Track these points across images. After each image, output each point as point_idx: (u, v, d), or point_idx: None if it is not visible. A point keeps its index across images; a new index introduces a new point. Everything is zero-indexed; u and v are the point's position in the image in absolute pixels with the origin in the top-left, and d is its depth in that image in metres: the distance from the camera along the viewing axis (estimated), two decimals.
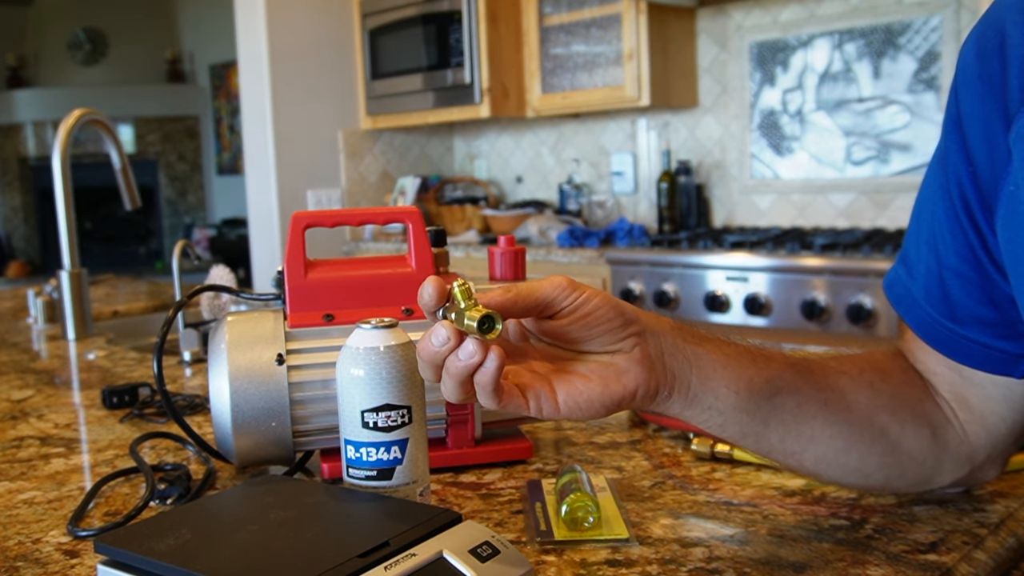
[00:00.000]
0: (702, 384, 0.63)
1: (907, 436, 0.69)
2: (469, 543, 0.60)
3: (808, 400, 0.66)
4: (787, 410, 0.66)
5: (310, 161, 3.90)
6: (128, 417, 1.15)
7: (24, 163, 8.57)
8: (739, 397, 0.64)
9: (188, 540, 0.60)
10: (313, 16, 3.87)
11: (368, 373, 0.70)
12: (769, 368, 0.66)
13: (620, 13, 3.24)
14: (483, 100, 3.53)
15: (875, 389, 0.70)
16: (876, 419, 0.68)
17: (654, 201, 3.54)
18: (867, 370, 0.71)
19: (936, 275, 0.69)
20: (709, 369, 0.64)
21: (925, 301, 0.70)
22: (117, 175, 1.91)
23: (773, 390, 0.65)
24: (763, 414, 0.65)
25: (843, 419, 0.67)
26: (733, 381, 0.64)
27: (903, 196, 2.97)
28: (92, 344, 1.74)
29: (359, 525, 0.64)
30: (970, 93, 0.64)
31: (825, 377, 0.68)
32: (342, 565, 0.56)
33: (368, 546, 0.58)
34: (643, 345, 0.62)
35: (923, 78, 2.89)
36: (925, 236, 0.70)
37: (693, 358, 0.63)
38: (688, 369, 0.63)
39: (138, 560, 0.59)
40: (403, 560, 0.57)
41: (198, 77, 8.56)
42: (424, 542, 0.60)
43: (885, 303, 2.39)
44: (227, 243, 7.49)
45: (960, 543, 0.67)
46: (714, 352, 0.64)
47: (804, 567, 0.64)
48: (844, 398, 0.68)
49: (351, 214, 0.88)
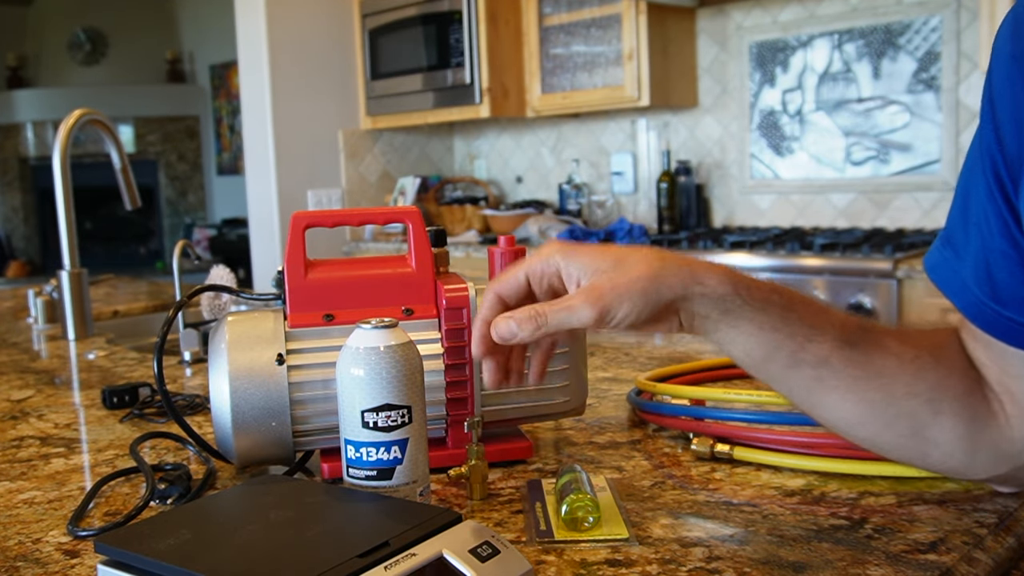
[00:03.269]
0: (730, 328, 0.68)
1: (938, 425, 0.69)
2: (469, 543, 0.60)
3: (832, 375, 0.68)
4: (805, 376, 0.69)
5: (310, 161, 3.90)
6: (128, 417, 1.15)
7: (24, 163, 8.57)
8: (761, 349, 0.68)
9: (188, 540, 0.60)
10: (313, 16, 3.87)
11: (368, 373, 0.70)
12: (810, 337, 0.68)
13: (620, 13, 3.24)
14: (483, 100, 3.53)
15: (919, 376, 0.69)
16: (905, 403, 0.68)
17: (654, 201, 3.54)
18: (923, 353, 0.70)
19: (982, 256, 0.67)
20: (744, 328, 0.68)
21: (974, 283, 0.68)
22: (117, 175, 1.91)
23: (793, 362, 0.68)
24: (777, 374, 0.70)
25: (865, 398, 0.68)
26: (758, 342, 0.68)
27: (903, 196, 2.97)
28: (92, 344, 1.74)
29: (359, 525, 0.64)
30: (1002, 72, 0.64)
31: (868, 354, 0.69)
32: (342, 565, 0.55)
33: (368, 546, 0.58)
34: (685, 312, 0.68)
35: (923, 78, 2.89)
36: (973, 217, 0.68)
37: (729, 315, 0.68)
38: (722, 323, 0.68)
39: (138, 560, 0.59)
40: (403, 560, 0.57)
41: (198, 77, 8.55)
42: (424, 542, 0.60)
43: (885, 303, 2.39)
44: (227, 243, 7.48)
45: (960, 543, 0.67)
46: (755, 317, 0.68)
47: (804, 567, 0.64)
48: (875, 379, 0.69)
49: (351, 214, 0.88)
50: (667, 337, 1.56)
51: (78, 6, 8.42)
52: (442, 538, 0.61)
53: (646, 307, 0.66)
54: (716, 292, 0.67)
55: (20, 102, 8.31)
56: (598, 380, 1.22)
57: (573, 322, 0.65)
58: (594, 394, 1.14)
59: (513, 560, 0.61)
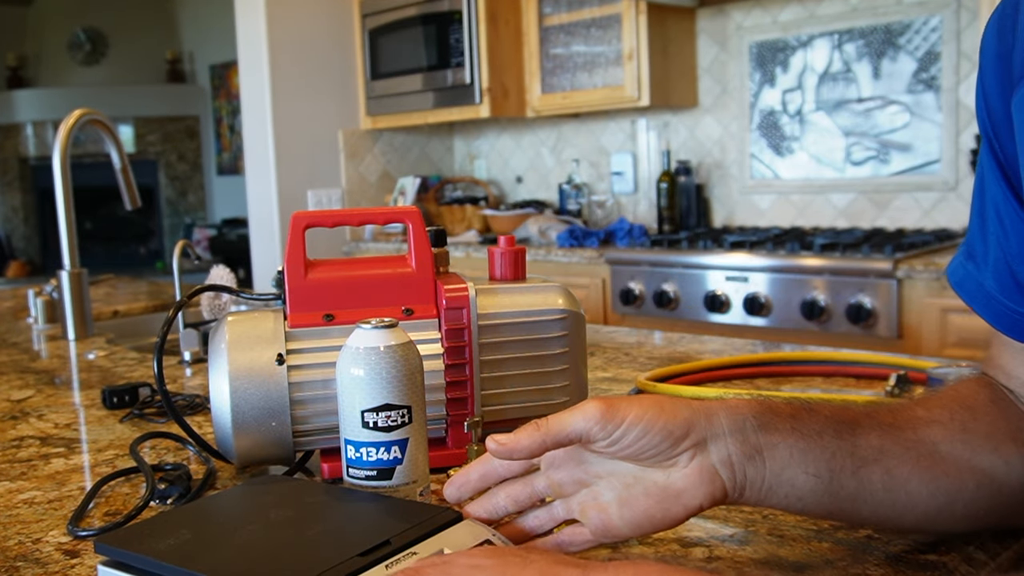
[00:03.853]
0: (777, 476, 0.60)
1: (1016, 469, 0.65)
2: (469, 541, 0.60)
3: (899, 463, 0.62)
4: (875, 480, 0.62)
5: (310, 161, 3.90)
6: (128, 417, 1.15)
7: (24, 163, 8.57)
8: (819, 480, 0.60)
9: (188, 540, 0.60)
10: (313, 16, 3.87)
11: (368, 373, 0.70)
12: (853, 438, 0.62)
13: (620, 13, 3.24)
14: (483, 100, 3.53)
15: (969, 431, 0.65)
16: (977, 462, 0.64)
17: (654, 201, 3.54)
18: (958, 412, 0.66)
19: (1004, 265, 0.65)
20: (786, 456, 0.60)
21: (999, 293, 0.65)
22: (117, 175, 1.91)
23: (858, 462, 0.61)
24: (849, 491, 0.61)
25: (940, 473, 0.63)
26: (812, 464, 0.60)
27: (903, 196, 2.97)
28: (92, 344, 1.74)
29: (359, 524, 0.64)
30: (990, 71, 0.64)
31: (915, 431, 0.64)
32: (343, 564, 0.55)
33: (368, 545, 0.58)
34: (703, 455, 0.58)
35: (923, 78, 2.89)
36: (990, 226, 0.66)
37: (767, 449, 0.60)
38: (762, 464, 0.59)
39: (138, 560, 0.59)
40: (404, 559, 0.57)
41: (198, 77, 8.55)
42: (425, 541, 0.60)
43: (885, 303, 2.39)
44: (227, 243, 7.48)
45: (960, 543, 0.67)
46: (790, 436, 0.60)
47: (804, 567, 0.64)
48: (937, 450, 0.64)
49: (351, 214, 0.88)
50: (667, 337, 1.56)
51: (78, 6, 8.42)
52: (442, 537, 0.61)
53: (661, 437, 0.58)
54: (738, 410, 0.61)
55: (20, 102, 8.31)
56: (598, 380, 1.22)
57: (577, 422, 0.59)
58: (594, 394, 1.13)
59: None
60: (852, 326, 2.45)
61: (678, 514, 0.59)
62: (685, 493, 0.59)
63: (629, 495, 0.60)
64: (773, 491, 0.60)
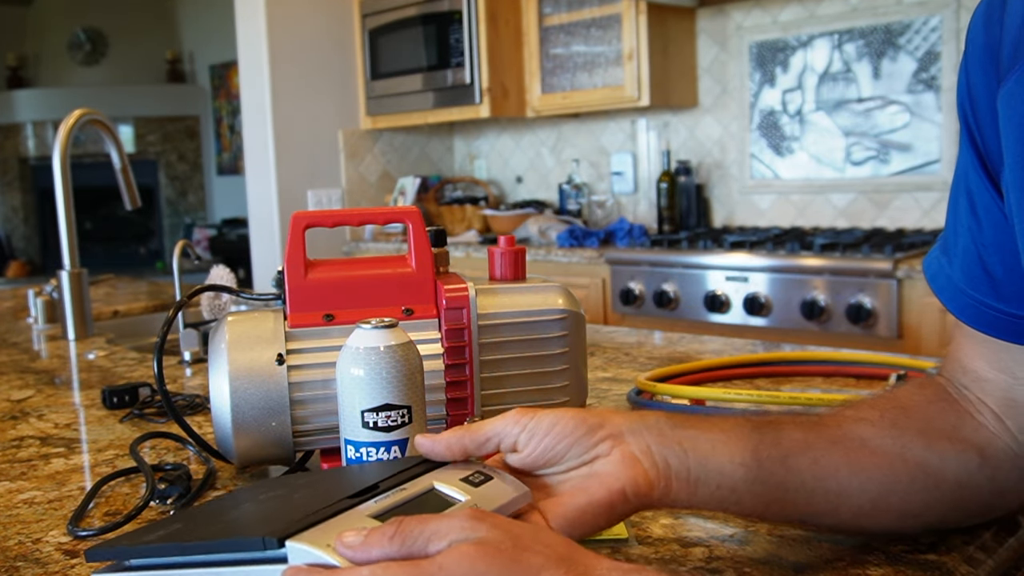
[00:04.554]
0: (702, 464, 0.60)
1: (950, 464, 0.64)
2: (460, 474, 0.60)
3: (824, 454, 0.62)
4: (804, 469, 0.62)
5: (310, 161, 3.90)
6: (128, 417, 1.15)
7: (24, 163, 8.57)
8: (747, 468, 0.61)
9: (178, 529, 0.60)
10: (313, 16, 3.87)
11: (368, 373, 0.70)
12: (775, 432, 0.63)
13: (620, 13, 3.24)
14: (483, 100, 3.53)
15: (900, 427, 0.65)
16: (909, 456, 0.64)
17: (654, 201, 3.54)
18: (888, 411, 0.67)
19: (975, 255, 0.65)
20: (707, 447, 0.61)
21: (967, 285, 0.65)
22: (117, 175, 1.91)
23: (784, 451, 0.62)
24: (778, 479, 0.61)
25: (870, 464, 0.63)
26: (738, 453, 0.61)
27: (903, 196, 2.97)
28: (92, 344, 1.74)
29: (349, 481, 0.63)
30: (976, 62, 0.64)
31: (840, 427, 0.65)
32: (331, 505, 0.55)
33: (359, 487, 0.58)
34: (621, 445, 0.60)
35: (923, 78, 2.89)
36: (962, 219, 0.66)
37: (687, 441, 0.61)
38: (683, 454, 0.60)
39: (126, 553, 0.58)
40: (393, 494, 0.57)
41: (198, 77, 8.55)
42: (414, 480, 0.60)
43: (885, 303, 2.39)
44: (227, 243, 7.48)
45: (960, 543, 0.67)
46: (710, 430, 0.62)
47: (804, 567, 0.64)
48: (866, 444, 0.64)
49: (351, 214, 0.88)
50: (667, 337, 1.56)
51: (78, 6, 8.42)
52: (433, 474, 0.60)
53: (575, 424, 0.60)
54: (646, 414, 0.63)
55: (20, 102, 8.32)
56: (598, 380, 1.22)
57: (496, 423, 0.61)
58: (594, 394, 1.13)
59: (508, 484, 0.59)
60: (852, 326, 2.45)
61: (598, 494, 0.59)
62: (607, 475, 0.59)
63: (557, 495, 0.60)
64: (702, 481, 0.60)
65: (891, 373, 1.10)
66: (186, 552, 0.54)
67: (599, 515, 0.59)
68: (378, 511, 0.55)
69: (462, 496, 0.57)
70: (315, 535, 0.51)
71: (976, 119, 0.64)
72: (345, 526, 0.52)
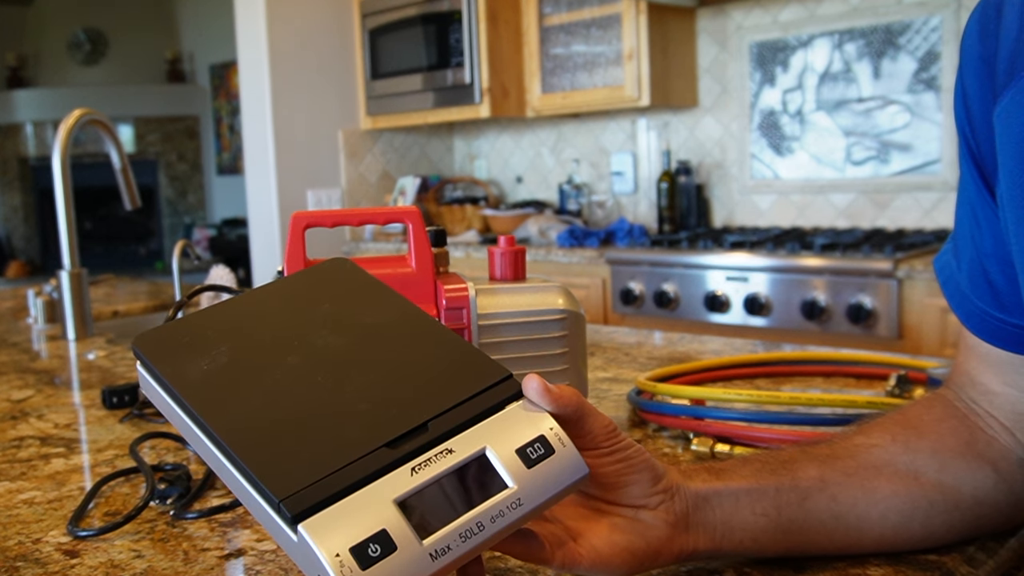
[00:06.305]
0: (727, 523, 0.61)
1: (966, 483, 0.65)
2: (521, 439, 0.54)
3: (841, 490, 0.63)
4: (823, 509, 0.63)
5: (310, 161, 3.90)
6: (128, 417, 1.15)
7: (24, 163, 8.58)
8: (768, 519, 0.61)
9: (222, 367, 0.56)
10: (313, 16, 3.87)
11: None
12: (792, 472, 0.63)
13: (620, 13, 3.24)
14: (483, 100, 3.53)
15: (913, 451, 0.65)
16: (924, 479, 0.64)
17: (654, 201, 3.54)
18: (900, 433, 0.67)
19: (978, 263, 0.65)
20: (731, 504, 0.61)
21: (972, 293, 0.66)
22: (117, 175, 1.91)
23: (801, 495, 0.62)
24: (799, 524, 0.62)
25: (889, 494, 0.64)
26: (759, 504, 0.61)
27: (903, 196, 2.97)
28: (92, 344, 1.74)
29: (404, 386, 0.57)
30: (972, 73, 0.63)
31: (854, 458, 0.65)
32: (367, 458, 0.50)
33: (403, 428, 0.52)
34: (669, 504, 0.59)
35: (923, 78, 2.89)
36: (967, 223, 0.66)
37: (714, 498, 0.61)
38: (711, 513, 0.61)
39: (163, 380, 0.57)
40: (435, 460, 0.51)
41: (198, 77, 8.56)
42: (467, 431, 0.53)
43: (885, 303, 2.39)
44: (227, 243, 7.49)
45: (960, 543, 0.67)
46: (732, 479, 0.62)
47: (804, 567, 0.64)
48: (881, 472, 0.64)
49: (351, 214, 0.88)
50: (667, 337, 1.56)
51: (78, 6, 8.43)
52: (490, 425, 0.54)
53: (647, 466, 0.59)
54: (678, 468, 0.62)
55: (20, 102, 8.32)
56: (598, 380, 1.22)
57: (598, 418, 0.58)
58: (594, 394, 1.13)
59: (567, 463, 0.54)
60: (852, 326, 2.45)
61: (637, 543, 0.58)
62: (652, 529, 0.58)
63: (595, 522, 0.58)
64: (727, 539, 0.61)
65: (891, 373, 1.09)
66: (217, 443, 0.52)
67: (630, 562, 0.58)
68: (407, 492, 0.50)
69: (510, 481, 0.52)
70: (327, 522, 0.48)
71: (973, 131, 0.64)
72: (365, 509, 0.49)
